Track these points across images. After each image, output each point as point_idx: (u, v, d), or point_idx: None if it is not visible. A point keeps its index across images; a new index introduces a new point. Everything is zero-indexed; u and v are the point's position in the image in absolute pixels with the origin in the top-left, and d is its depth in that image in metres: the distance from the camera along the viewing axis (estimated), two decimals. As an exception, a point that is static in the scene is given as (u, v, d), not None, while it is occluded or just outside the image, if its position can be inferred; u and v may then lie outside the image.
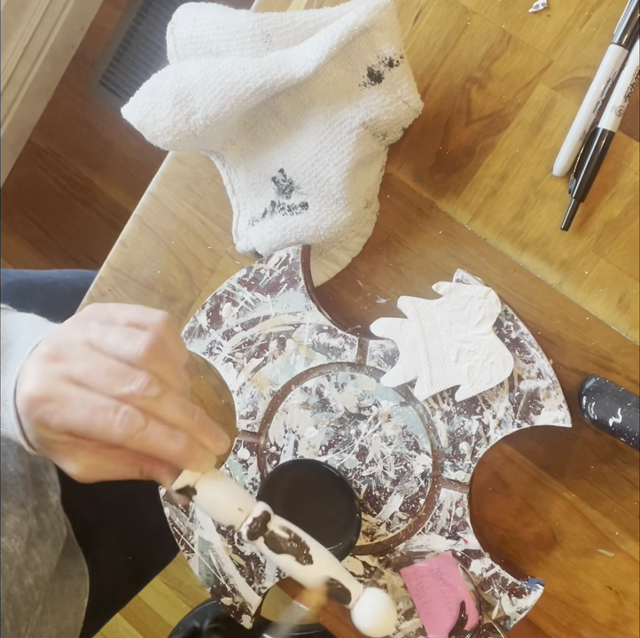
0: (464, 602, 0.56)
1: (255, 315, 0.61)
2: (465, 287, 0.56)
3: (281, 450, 0.61)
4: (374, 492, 0.60)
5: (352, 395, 0.60)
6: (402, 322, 0.57)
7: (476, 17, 0.59)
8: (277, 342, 0.61)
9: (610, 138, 0.55)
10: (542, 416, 0.56)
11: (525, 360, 0.56)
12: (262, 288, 0.61)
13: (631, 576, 0.60)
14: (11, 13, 1.51)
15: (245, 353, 0.62)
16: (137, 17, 1.65)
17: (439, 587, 0.57)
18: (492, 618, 0.58)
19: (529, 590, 0.57)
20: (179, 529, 0.64)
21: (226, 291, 0.62)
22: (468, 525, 0.58)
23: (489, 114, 0.59)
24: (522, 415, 0.56)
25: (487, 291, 0.55)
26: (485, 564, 0.58)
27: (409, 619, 0.59)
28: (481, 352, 0.56)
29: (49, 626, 0.62)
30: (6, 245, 1.82)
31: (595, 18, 0.56)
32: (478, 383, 0.56)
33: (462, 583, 0.57)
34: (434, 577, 0.57)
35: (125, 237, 0.69)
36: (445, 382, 0.57)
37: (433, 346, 0.57)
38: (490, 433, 0.57)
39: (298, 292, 0.60)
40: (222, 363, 0.62)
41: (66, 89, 1.74)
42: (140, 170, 1.66)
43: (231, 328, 0.62)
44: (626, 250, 0.57)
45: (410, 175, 0.62)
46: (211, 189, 0.66)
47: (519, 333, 0.56)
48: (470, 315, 0.56)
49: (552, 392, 0.56)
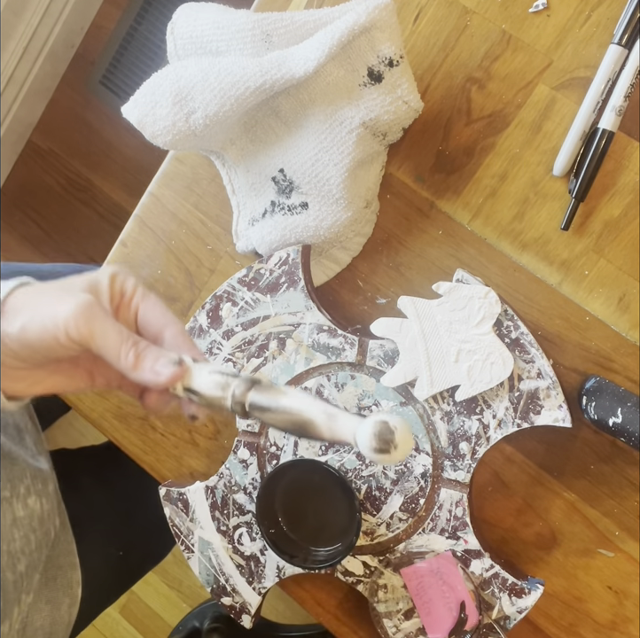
0: (464, 602, 0.56)
1: (255, 315, 0.61)
2: (465, 287, 0.56)
3: (281, 450, 0.61)
4: (374, 492, 0.60)
5: (352, 395, 0.60)
6: (402, 322, 0.57)
7: (476, 17, 0.59)
8: (277, 342, 0.61)
9: (610, 138, 0.55)
10: (542, 416, 0.56)
11: (525, 360, 0.56)
12: (262, 288, 0.61)
13: (631, 576, 0.60)
14: (11, 13, 1.51)
15: (246, 353, 0.62)
16: (137, 17, 1.65)
17: (439, 587, 0.57)
18: (492, 618, 0.58)
19: (529, 590, 0.57)
20: (179, 529, 0.64)
21: (226, 290, 0.62)
22: (468, 524, 0.58)
23: (489, 114, 0.59)
24: (522, 415, 0.56)
25: (487, 291, 0.55)
26: (485, 564, 0.58)
27: (410, 619, 0.59)
28: (481, 352, 0.56)
29: (43, 614, 0.62)
30: (6, 245, 1.82)
31: (595, 18, 0.56)
32: (478, 383, 0.56)
33: (462, 583, 0.57)
34: (434, 577, 0.57)
35: (125, 237, 0.69)
36: (445, 382, 0.57)
37: (433, 346, 0.57)
38: (490, 433, 0.57)
39: (298, 292, 0.60)
40: (222, 363, 0.62)
41: (66, 89, 1.74)
42: (140, 170, 1.66)
43: (231, 328, 0.62)
44: (626, 250, 0.57)
45: (410, 175, 0.62)
46: (211, 189, 0.66)
47: (519, 333, 0.56)
48: (470, 315, 0.56)
49: (552, 392, 0.56)
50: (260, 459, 0.62)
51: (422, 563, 0.58)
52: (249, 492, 0.62)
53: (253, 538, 0.62)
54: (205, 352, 0.63)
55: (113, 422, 0.70)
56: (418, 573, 0.58)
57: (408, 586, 0.58)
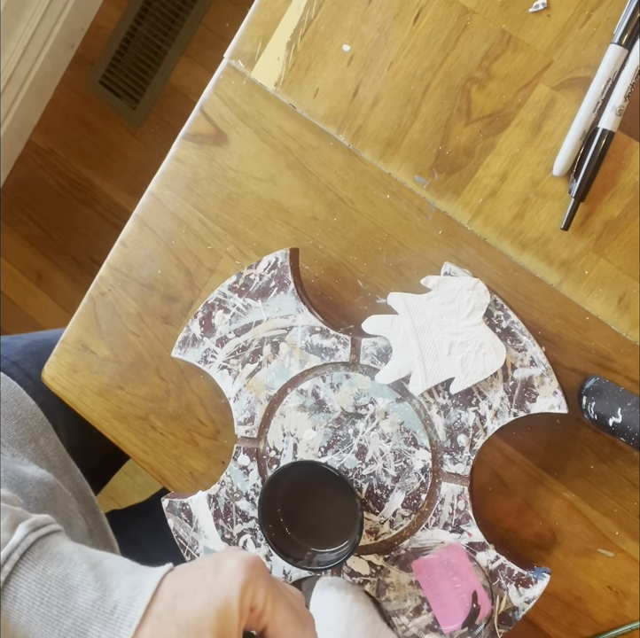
0: (476, 592, 0.56)
1: (247, 321, 0.61)
2: (454, 279, 0.56)
3: (281, 454, 0.61)
4: (375, 490, 0.60)
5: (348, 395, 0.60)
6: (393, 318, 0.57)
7: (476, 17, 0.59)
8: (270, 346, 0.61)
9: (610, 138, 0.55)
10: (537, 404, 0.56)
11: (517, 348, 0.56)
12: (253, 293, 0.61)
13: (631, 576, 0.60)
14: (11, 13, 1.51)
15: (240, 359, 0.62)
16: (137, 17, 1.65)
17: (450, 578, 0.57)
18: (499, 610, 0.58)
19: (536, 579, 0.57)
20: (184, 540, 0.64)
21: (217, 298, 0.62)
22: (471, 517, 0.58)
23: (489, 114, 0.59)
24: (518, 403, 0.56)
25: (475, 283, 0.55)
26: (490, 556, 0.58)
27: (418, 616, 0.58)
28: (473, 343, 0.56)
29: None
30: (6, 245, 1.82)
31: (595, 17, 0.56)
32: (472, 374, 0.56)
33: (473, 573, 0.56)
34: (445, 568, 0.57)
35: (125, 237, 0.69)
36: (439, 375, 0.56)
37: (425, 341, 0.56)
38: (487, 424, 0.57)
39: (288, 295, 0.60)
40: (217, 371, 0.62)
41: (66, 89, 1.74)
42: (140, 170, 1.65)
43: (224, 335, 0.62)
44: (626, 250, 0.57)
45: (410, 175, 0.62)
46: (211, 189, 0.66)
47: (509, 322, 0.56)
48: (460, 307, 0.56)
49: (546, 379, 0.56)
50: (260, 464, 0.62)
51: (432, 554, 0.58)
52: (251, 498, 0.62)
53: (258, 544, 0.62)
54: (199, 361, 0.63)
55: (113, 422, 0.70)
56: (429, 565, 0.57)
57: (419, 579, 0.57)
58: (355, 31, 0.61)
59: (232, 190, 0.66)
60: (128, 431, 0.69)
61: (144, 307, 0.68)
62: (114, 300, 0.69)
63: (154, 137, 1.61)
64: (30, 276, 1.81)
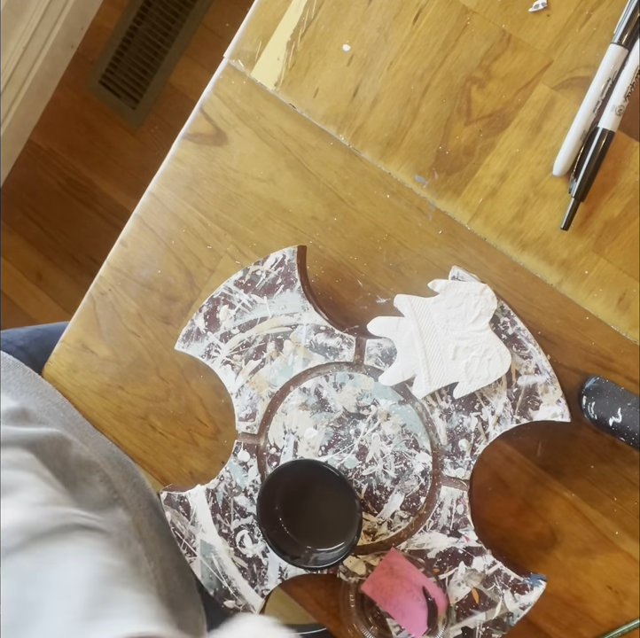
0: (424, 586, 0.56)
1: (252, 317, 0.61)
2: (461, 284, 0.56)
3: (281, 451, 0.61)
4: (375, 491, 0.60)
5: (350, 395, 0.60)
6: (399, 320, 0.57)
7: (476, 17, 0.59)
8: (274, 343, 0.61)
9: (610, 138, 0.55)
10: (540, 412, 0.56)
11: (522, 355, 0.56)
12: (259, 290, 0.61)
13: (631, 576, 0.60)
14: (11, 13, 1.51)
15: (243, 355, 0.62)
16: (137, 17, 1.65)
17: (399, 585, 0.57)
18: (495, 616, 0.58)
19: (532, 586, 0.57)
20: (181, 533, 0.64)
21: (223, 293, 0.62)
22: (469, 522, 0.58)
23: (489, 114, 0.59)
24: (521, 410, 0.56)
25: (482, 288, 0.55)
26: (487, 561, 0.58)
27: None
28: (478, 348, 0.56)
29: None
30: (6, 245, 1.82)
31: (595, 17, 0.56)
32: (476, 379, 0.56)
33: (415, 570, 0.57)
34: (391, 577, 0.57)
35: (125, 236, 0.69)
36: (443, 379, 0.56)
37: (431, 344, 0.57)
38: (489, 430, 0.57)
39: (294, 293, 0.60)
40: (220, 366, 0.62)
41: (66, 89, 1.74)
42: (140, 170, 1.65)
43: (229, 330, 0.62)
44: (626, 250, 0.57)
45: (410, 175, 0.62)
46: (211, 189, 0.66)
47: (515, 329, 0.56)
48: (466, 312, 0.56)
49: (550, 387, 0.56)
50: (260, 461, 0.62)
51: (374, 571, 0.58)
52: (250, 494, 0.62)
53: (255, 540, 0.62)
54: (203, 355, 0.63)
55: (113, 422, 0.70)
56: (376, 580, 0.58)
57: (374, 598, 0.58)
58: (354, 31, 0.61)
59: (232, 190, 0.66)
60: (128, 430, 0.69)
61: (144, 307, 0.68)
62: (114, 300, 0.69)
63: (154, 137, 1.61)
64: (30, 276, 1.81)
